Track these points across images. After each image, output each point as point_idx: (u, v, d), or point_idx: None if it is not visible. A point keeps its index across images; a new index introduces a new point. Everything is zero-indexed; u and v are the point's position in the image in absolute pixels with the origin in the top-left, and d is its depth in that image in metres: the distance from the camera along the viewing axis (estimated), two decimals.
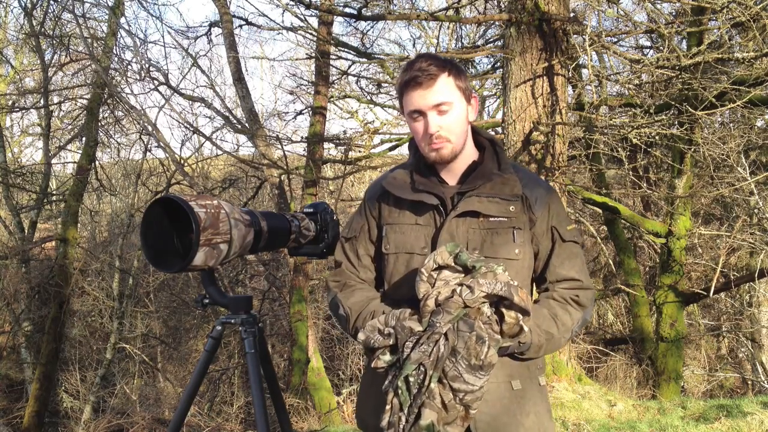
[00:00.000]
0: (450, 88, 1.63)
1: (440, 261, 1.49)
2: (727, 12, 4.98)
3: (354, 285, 1.77)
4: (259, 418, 1.78)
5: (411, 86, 1.62)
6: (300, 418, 7.89)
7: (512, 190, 1.66)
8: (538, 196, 1.69)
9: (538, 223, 1.68)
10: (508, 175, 1.69)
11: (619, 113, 8.19)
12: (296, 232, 1.98)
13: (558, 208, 1.71)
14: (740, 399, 5.45)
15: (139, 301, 13.03)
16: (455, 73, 1.65)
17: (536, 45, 5.50)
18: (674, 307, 8.57)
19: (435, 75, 1.61)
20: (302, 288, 8.76)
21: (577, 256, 1.71)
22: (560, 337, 1.63)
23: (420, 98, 1.62)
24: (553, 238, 1.70)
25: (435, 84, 1.61)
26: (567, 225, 1.72)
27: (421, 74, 1.61)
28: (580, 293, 1.68)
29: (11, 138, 14.99)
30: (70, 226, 10.52)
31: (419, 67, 1.62)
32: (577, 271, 1.69)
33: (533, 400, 1.66)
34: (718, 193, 8.25)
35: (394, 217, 1.72)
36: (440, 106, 1.62)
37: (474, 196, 1.65)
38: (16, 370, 12.28)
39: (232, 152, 10.93)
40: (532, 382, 1.67)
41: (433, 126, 1.63)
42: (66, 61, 11.22)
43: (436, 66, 1.62)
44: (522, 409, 1.63)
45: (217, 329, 1.89)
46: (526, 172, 1.76)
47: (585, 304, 1.68)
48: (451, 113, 1.64)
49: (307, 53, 10.82)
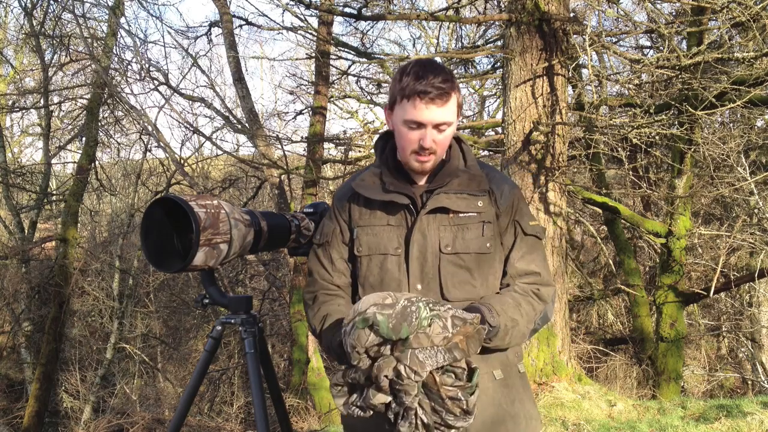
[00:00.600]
0: (455, 109, 1.65)
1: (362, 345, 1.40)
2: (727, 12, 4.98)
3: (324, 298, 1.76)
4: (259, 418, 1.78)
5: (420, 98, 1.59)
6: (300, 418, 7.89)
7: (479, 186, 1.69)
8: (503, 190, 1.71)
9: (502, 217, 1.70)
10: (474, 171, 1.71)
11: (619, 113, 8.19)
12: (296, 232, 1.98)
13: (521, 204, 1.74)
14: (740, 399, 5.45)
15: (139, 301, 13.03)
16: (458, 89, 1.66)
17: (536, 45, 5.50)
18: (674, 307, 8.57)
19: (448, 95, 1.61)
20: (302, 288, 8.75)
21: (537, 250, 1.74)
22: (524, 326, 1.64)
23: (427, 113, 1.60)
24: (515, 232, 1.72)
25: (446, 104, 1.61)
26: (530, 220, 1.74)
27: (434, 91, 1.59)
28: (541, 288, 1.70)
29: (11, 138, 14.99)
30: (70, 226, 10.52)
31: (433, 83, 1.59)
32: (537, 264, 1.72)
33: (515, 388, 1.69)
34: (718, 193, 8.25)
35: (365, 219, 1.72)
36: (442, 125, 1.63)
37: (442, 193, 1.66)
38: (16, 370, 12.29)
39: (232, 152, 10.94)
40: (512, 369, 1.70)
41: (429, 141, 1.62)
42: (66, 61, 11.22)
43: (448, 85, 1.60)
44: (506, 398, 1.67)
45: (217, 329, 1.89)
46: (491, 169, 1.79)
47: (545, 299, 1.70)
48: (448, 131, 1.65)
49: (307, 53, 10.83)
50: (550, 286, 1.73)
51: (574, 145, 7.90)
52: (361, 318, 1.41)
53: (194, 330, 13.40)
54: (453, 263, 1.65)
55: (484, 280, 1.68)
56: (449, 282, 1.65)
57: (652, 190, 8.81)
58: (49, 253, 12.45)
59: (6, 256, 11.12)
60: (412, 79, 1.61)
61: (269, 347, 5.50)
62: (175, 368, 12.96)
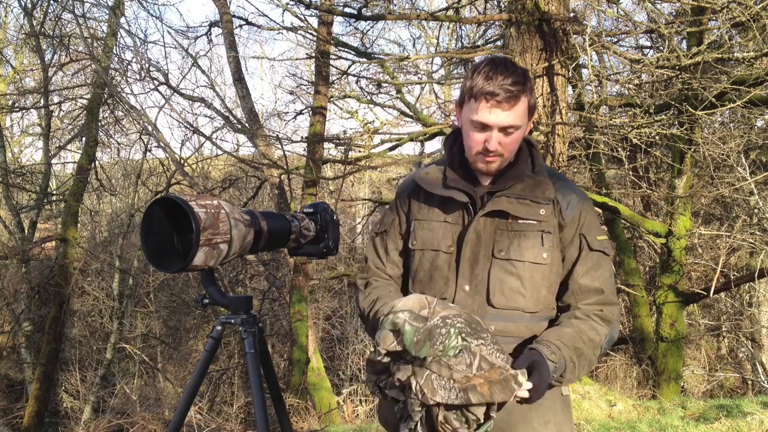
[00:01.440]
0: (524, 112, 1.60)
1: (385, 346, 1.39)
2: (727, 12, 4.98)
3: (376, 284, 1.76)
4: (259, 418, 1.77)
5: (487, 100, 1.55)
6: (300, 418, 7.89)
7: (544, 193, 1.62)
8: (570, 201, 1.64)
9: (567, 229, 1.63)
10: (541, 177, 1.64)
11: (619, 113, 8.19)
12: (296, 232, 1.98)
13: (590, 217, 1.65)
14: (740, 399, 5.46)
15: (139, 301, 13.03)
16: (530, 91, 1.60)
17: (536, 45, 5.50)
18: (674, 307, 8.57)
19: (516, 98, 1.56)
20: (302, 288, 8.76)
21: (603, 266, 1.63)
22: (590, 354, 1.56)
23: (493, 116, 1.56)
24: (580, 246, 1.63)
25: (515, 108, 1.56)
26: (598, 235, 1.65)
27: (503, 93, 1.54)
28: (605, 308, 1.61)
29: (11, 138, 14.99)
30: (70, 226, 10.52)
31: (503, 85, 1.54)
32: (602, 282, 1.62)
33: (554, 410, 1.62)
34: (718, 193, 8.25)
35: (423, 213, 1.70)
36: (509, 128, 1.58)
37: (503, 197, 1.61)
38: (16, 370, 12.28)
39: (232, 152, 10.94)
40: (554, 391, 1.62)
41: (495, 144, 1.58)
42: (66, 61, 11.22)
43: (518, 88, 1.55)
44: (541, 418, 1.60)
45: (217, 329, 1.89)
46: (561, 177, 1.71)
47: (610, 320, 1.61)
48: (516, 134, 1.60)
49: (307, 53, 10.82)
50: (614, 305, 1.63)
51: (574, 145, 7.90)
52: (391, 321, 1.40)
53: (194, 330, 13.40)
54: (504, 269, 1.60)
55: (535, 291, 1.60)
56: (497, 288, 1.60)
57: (652, 190, 8.81)
58: (49, 253, 12.46)
59: (6, 256, 11.12)
60: (482, 79, 1.57)
61: (269, 347, 5.50)
62: (175, 368, 12.95)
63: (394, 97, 10.61)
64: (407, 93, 12.73)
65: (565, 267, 1.64)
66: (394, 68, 9.77)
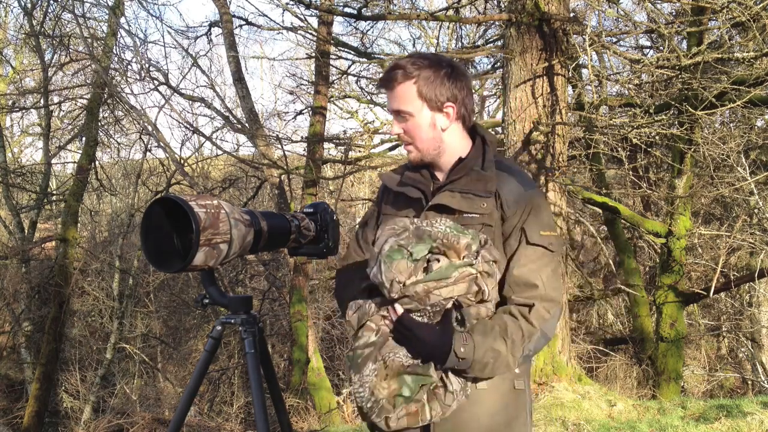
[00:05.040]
0: (410, 97, 1.63)
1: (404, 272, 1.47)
2: (727, 12, 4.98)
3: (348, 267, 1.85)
4: (259, 418, 1.78)
5: (380, 86, 1.70)
6: (300, 418, 7.89)
7: (486, 187, 1.62)
8: (513, 195, 1.62)
9: (507, 222, 1.61)
10: (486, 172, 1.65)
11: (619, 113, 8.19)
12: (296, 232, 1.98)
13: (536, 211, 1.62)
14: (740, 399, 5.46)
15: (139, 301, 13.03)
16: (423, 80, 1.62)
17: (536, 45, 5.50)
18: (674, 307, 8.57)
19: (393, 80, 1.63)
20: (302, 288, 8.76)
21: (540, 261, 1.59)
22: (508, 356, 1.52)
23: (388, 100, 1.69)
24: (519, 239, 1.61)
25: (395, 90, 1.65)
26: (541, 229, 1.61)
27: (384, 76, 1.64)
28: (539, 303, 1.56)
29: (11, 138, 14.99)
30: (70, 226, 10.52)
31: (390, 68, 1.64)
32: (539, 277, 1.58)
33: (503, 402, 1.60)
34: (718, 193, 8.25)
35: (387, 209, 1.79)
36: (399, 112, 1.66)
37: (447, 191, 1.64)
38: (16, 370, 12.28)
39: (232, 152, 10.93)
40: (503, 383, 1.60)
41: (395, 129, 1.68)
42: (66, 61, 11.21)
43: (404, 73, 1.62)
44: (486, 410, 1.58)
45: (217, 329, 1.89)
46: (512, 171, 1.69)
47: (544, 317, 1.57)
48: (411, 121, 1.65)
49: (307, 53, 10.82)
50: (551, 301, 1.58)
51: (574, 145, 7.90)
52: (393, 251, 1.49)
53: (194, 330, 13.40)
54: None
55: None
56: None
57: (652, 190, 8.81)
58: (49, 253, 12.45)
59: (6, 256, 11.12)
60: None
61: (269, 347, 5.50)
62: (175, 368, 12.96)
63: None
64: None
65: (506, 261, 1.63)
66: None
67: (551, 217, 1.69)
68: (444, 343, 1.46)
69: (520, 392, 1.64)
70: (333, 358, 12.86)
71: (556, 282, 1.62)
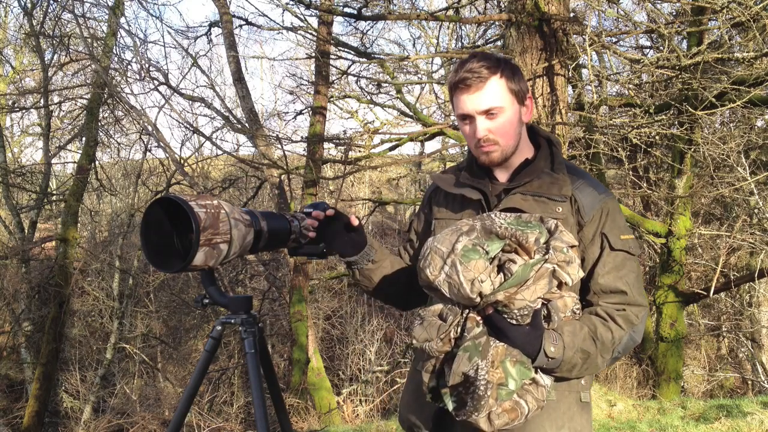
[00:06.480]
0: (501, 92, 1.57)
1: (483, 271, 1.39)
2: (727, 12, 4.98)
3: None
4: (259, 418, 1.77)
5: (460, 89, 1.56)
6: (300, 418, 7.89)
7: (560, 190, 1.57)
8: (590, 199, 1.57)
9: (586, 228, 1.56)
10: (559, 174, 1.60)
11: (619, 113, 8.19)
12: (296, 232, 1.98)
13: (612, 215, 1.59)
14: (740, 399, 5.46)
15: (139, 301, 13.04)
16: (508, 74, 1.58)
17: (536, 45, 5.50)
18: (674, 307, 8.57)
19: (485, 78, 1.55)
20: (302, 288, 8.76)
21: (626, 267, 1.57)
22: (598, 357, 1.50)
23: (469, 102, 1.56)
24: (601, 245, 1.57)
25: (484, 88, 1.55)
26: (621, 234, 1.58)
27: (470, 76, 1.54)
28: (628, 309, 1.54)
29: (11, 138, 14.99)
30: (70, 226, 10.52)
31: (470, 68, 1.54)
32: (625, 282, 1.55)
33: (569, 415, 1.57)
34: (718, 193, 8.25)
35: (442, 213, 1.72)
36: (489, 111, 1.56)
37: (518, 194, 1.57)
38: (16, 370, 12.29)
39: (232, 152, 10.93)
40: (571, 395, 1.57)
41: (482, 131, 1.57)
42: (66, 61, 11.22)
43: (487, 68, 1.55)
44: (554, 422, 1.55)
45: (217, 329, 1.89)
46: (582, 175, 1.64)
47: (633, 321, 1.55)
48: (501, 117, 1.57)
49: (307, 53, 10.83)
50: (640, 306, 1.56)
51: (574, 145, 7.89)
52: (467, 250, 1.41)
53: (194, 330, 13.40)
54: None
55: None
56: None
57: (652, 190, 8.81)
58: (49, 253, 12.45)
59: (6, 256, 11.12)
60: (453, 72, 1.58)
61: (269, 347, 5.50)
62: (175, 368, 12.96)
63: (394, 97, 10.62)
64: (407, 93, 12.75)
65: (586, 267, 1.59)
66: (394, 68, 9.78)
67: (624, 219, 1.65)
68: (535, 343, 1.42)
69: (585, 405, 1.61)
70: (333, 358, 12.87)
71: (640, 285, 1.60)
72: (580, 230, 1.57)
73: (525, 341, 1.41)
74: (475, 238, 1.43)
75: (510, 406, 1.39)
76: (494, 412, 1.37)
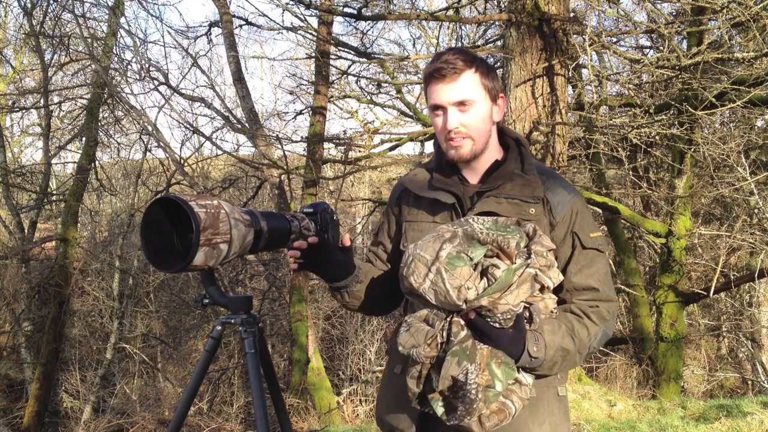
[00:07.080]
0: (474, 86, 1.59)
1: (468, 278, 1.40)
2: (727, 12, 4.98)
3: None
4: (259, 418, 1.77)
5: (435, 79, 1.57)
6: (300, 418, 7.89)
7: (533, 192, 1.59)
8: (560, 199, 1.61)
9: (558, 228, 1.60)
10: (530, 176, 1.62)
11: (619, 113, 8.19)
12: (296, 232, 1.98)
13: (582, 214, 1.62)
14: (740, 399, 5.46)
15: (139, 301, 13.04)
16: (483, 70, 1.60)
17: (536, 45, 5.50)
18: (674, 307, 8.57)
19: (460, 70, 1.57)
20: (302, 288, 8.76)
21: (597, 264, 1.60)
22: (576, 354, 1.54)
23: (442, 92, 1.58)
24: (573, 244, 1.60)
25: (459, 79, 1.57)
26: (591, 232, 1.62)
27: (446, 67, 1.56)
28: (600, 305, 1.58)
29: (11, 138, 14.99)
30: (70, 226, 10.52)
31: (445, 60, 1.56)
32: (597, 280, 1.59)
33: (549, 410, 1.60)
34: (718, 193, 8.25)
35: (413, 215, 1.71)
36: (462, 102, 1.58)
37: (492, 197, 1.59)
38: (16, 370, 12.29)
39: (232, 152, 10.93)
40: (549, 390, 1.61)
41: (452, 122, 1.58)
42: (66, 61, 11.22)
43: (463, 60, 1.57)
44: (535, 418, 1.58)
45: (217, 329, 1.89)
46: (552, 175, 1.68)
47: (605, 317, 1.58)
48: (473, 111, 1.59)
49: (307, 53, 10.83)
50: (611, 301, 1.60)
51: (574, 145, 7.90)
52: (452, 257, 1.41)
53: (194, 330, 13.40)
54: None
55: None
56: None
57: (652, 190, 8.81)
58: (49, 253, 12.45)
59: (6, 256, 11.12)
60: (429, 64, 1.60)
61: (269, 347, 5.50)
62: (175, 368, 12.96)
63: (394, 97, 10.62)
64: (407, 93, 12.72)
65: (558, 266, 1.60)
66: (394, 68, 9.78)
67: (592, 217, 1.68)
68: (518, 345, 1.45)
69: (562, 398, 1.65)
70: (333, 358, 12.87)
71: (610, 281, 1.63)
72: (552, 230, 1.60)
73: (509, 344, 1.44)
74: (458, 245, 1.44)
75: (497, 407, 1.41)
76: (484, 415, 1.39)
